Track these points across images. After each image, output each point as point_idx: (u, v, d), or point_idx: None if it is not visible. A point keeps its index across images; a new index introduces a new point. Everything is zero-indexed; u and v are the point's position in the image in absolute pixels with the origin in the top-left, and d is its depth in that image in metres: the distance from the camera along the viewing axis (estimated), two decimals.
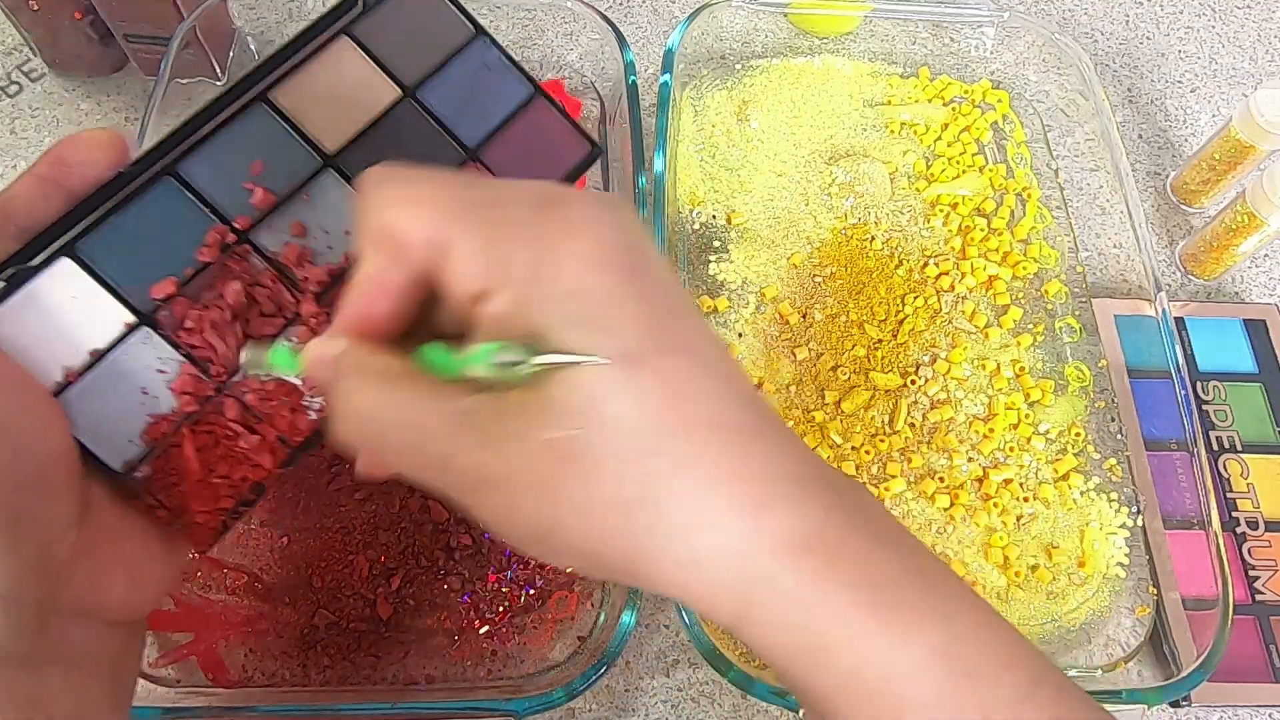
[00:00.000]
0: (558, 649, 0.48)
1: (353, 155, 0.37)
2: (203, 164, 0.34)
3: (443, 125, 0.39)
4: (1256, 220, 0.58)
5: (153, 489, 0.32)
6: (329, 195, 0.36)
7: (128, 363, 0.32)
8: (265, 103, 0.35)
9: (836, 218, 0.61)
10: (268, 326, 0.34)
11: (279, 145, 0.36)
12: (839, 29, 0.68)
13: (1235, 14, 0.77)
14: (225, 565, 0.48)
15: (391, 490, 0.50)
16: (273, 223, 0.35)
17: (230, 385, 0.34)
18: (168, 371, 0.33)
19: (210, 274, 0.34)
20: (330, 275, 0.35)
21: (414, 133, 0.38)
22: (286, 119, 0.36)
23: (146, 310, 0.33)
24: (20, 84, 0.65)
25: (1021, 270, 0.60)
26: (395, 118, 0.38)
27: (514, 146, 0.40)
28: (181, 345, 0.33)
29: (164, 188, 0.33)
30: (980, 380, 0.57)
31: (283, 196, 0.35)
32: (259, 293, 0.35)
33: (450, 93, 0.39)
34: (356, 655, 0.47)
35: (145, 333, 0.33)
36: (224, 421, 0.34)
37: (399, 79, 0.38)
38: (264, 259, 0.35)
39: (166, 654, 0.46)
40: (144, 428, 0.32)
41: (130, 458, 0.32)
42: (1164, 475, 0.54)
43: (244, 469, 0.34)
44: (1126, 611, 0.51)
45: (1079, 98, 0.65)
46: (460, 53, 0.39)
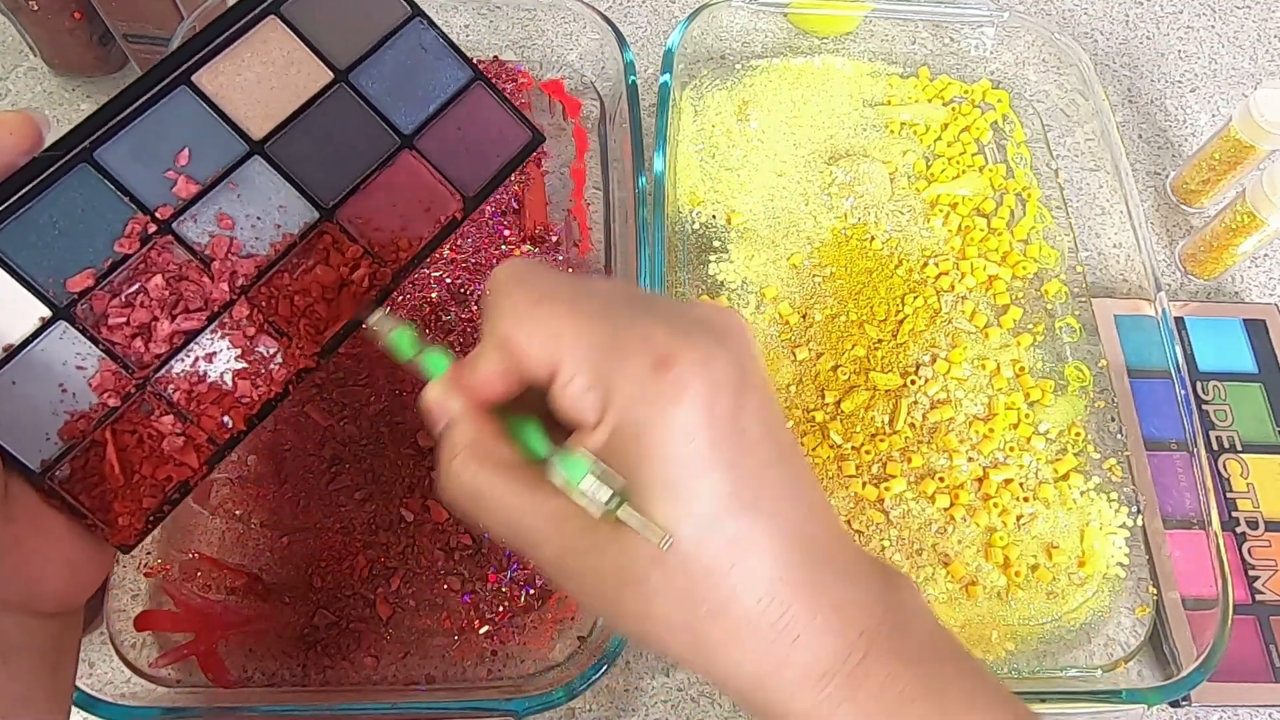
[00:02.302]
0: (558, 649, 0.48)
1: (282, 142, 0.35)
2: (121, 150, 0.33)
3: (377, 110, 0.37)
4: (1256, 220, 0.58)
5: (72, 489, 0.32)
6: (257, 184, 0.35)
7: (44, 358, 0.31)
8: (188, 85, 0.34)
9: (836, 218, 0.61)
10: (191, 321, 0.33)
11: (203, 130, 0.34)
12: (839, 29, 0.68)
13: (1235, 14, 0.77)
14: (225, 565, 0.48)
15: (391, 490, 0.50)
16: (197, 213, 0.34)
17: (154, 381, 0.33)
18: (86, 367, 0.32)
19: (131, 266, 0.33)
20: (258, 269, 0.34)
21: (347, 118, 0.37)
22: (210, 103, 0.34)
23: (63, 304, 0.32)
24: (19, 83, 0.65)
25: (1021, 270, 0.60)
26: (327, 102, 0.36)
27: (452, 135, 0.38)
28: (101, 340, 0.32)
29: (80, 175, 0.32)
30: (980, 380, 0.57)
31: (207, 185, 0.34)
32: (184, 287, 0.33)
33: (385, 76, 0.37)
34: (356, 655, 0.47)
35: (63, 327, 0.32)
36: (148, 421, 0.33)
37: (331, 61, 0.36)
38: (188, 250, 0.33)
39: (166, 654, 0.46)
40: (62, 425, 0.31)
41: (48, 456, 0.31)
42: (1164, 475, 0.54)
43: (168, 469, 0.33)
44: (1126, 611, 0.51)
45: (1079, 98, 0.65)
46: (396, 34, 0.37)
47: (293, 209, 0.36)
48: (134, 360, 0.33)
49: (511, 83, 0.63)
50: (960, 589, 0.51)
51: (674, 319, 0.26)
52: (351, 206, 0.37)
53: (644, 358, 0.25)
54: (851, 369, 0.56)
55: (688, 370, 0.25)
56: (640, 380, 0.25)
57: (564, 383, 0.26)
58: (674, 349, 0.25)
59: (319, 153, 0.36)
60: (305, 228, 0.36)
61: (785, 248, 0.60)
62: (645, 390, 0.25)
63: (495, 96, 0.39)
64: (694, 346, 0.25)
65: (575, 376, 0.26)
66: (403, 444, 0.51)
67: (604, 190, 0.61)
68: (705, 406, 0.25)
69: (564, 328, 0.26)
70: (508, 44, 0.66)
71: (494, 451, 0.28)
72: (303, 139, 0.36)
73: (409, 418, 0.51)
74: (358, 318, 0.36)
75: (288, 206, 0.35)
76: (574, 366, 0.26)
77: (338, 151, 0.36)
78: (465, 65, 0.39)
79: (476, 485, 0.28)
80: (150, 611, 0.47)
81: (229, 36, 0.34)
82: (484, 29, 0.65)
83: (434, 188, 0.39)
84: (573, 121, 0.63)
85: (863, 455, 0.54)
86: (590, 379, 0.26)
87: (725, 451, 0.25)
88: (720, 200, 0.61)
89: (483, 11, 0.65)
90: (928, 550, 0.52)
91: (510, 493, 0.27)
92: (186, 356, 0.34)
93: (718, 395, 0.25)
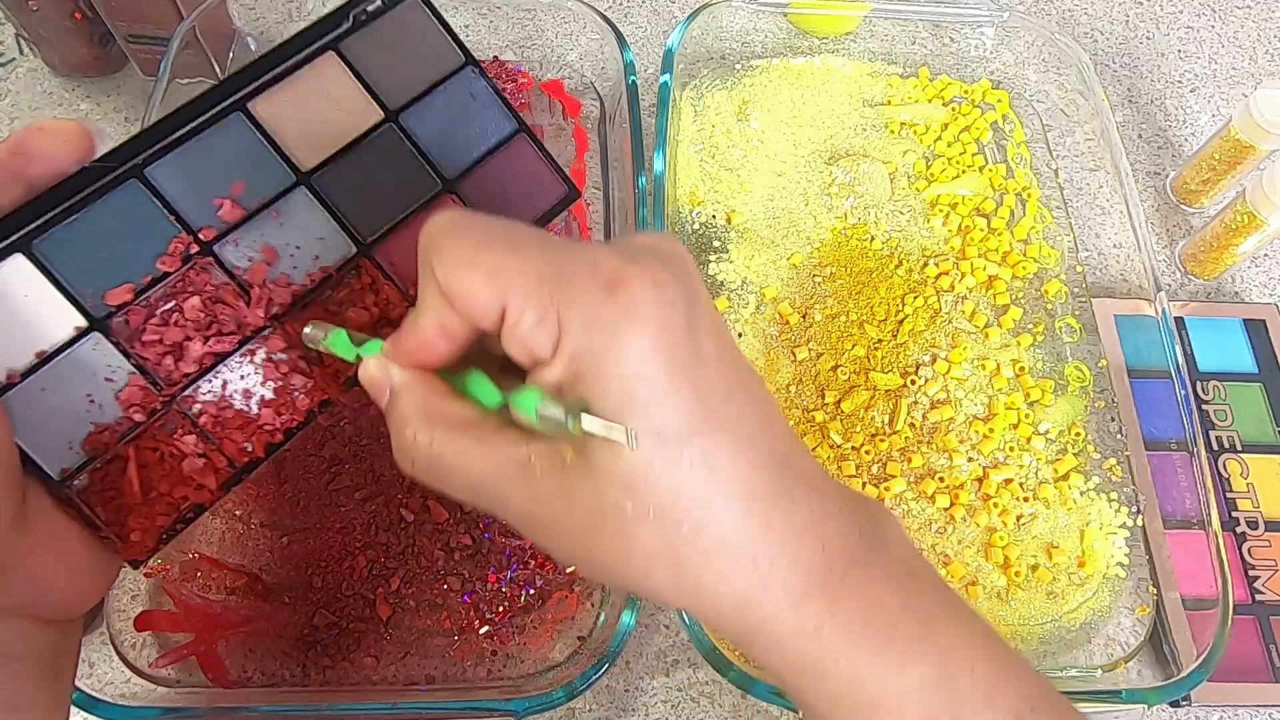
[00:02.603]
0: (558, 649, 0.48)
1: (327, 175, 0.36)
2: (172, 169, 0.33)
3: (422, 153, 0.38)
4: (1256, 220, 0.58)
5: (89, 500, 0.32)
6: (299, 215, 0.35)
7: (75, 368, 0.31)
8: (243, 112, 0.34)
9: (836, 218, 0.61)
10: (223, 344, 0.34)
11: (253, 157, 0.35)
12: (839, 29, 0.68)
13: (1235, 14, 0.77)
14: (225, 565, 0.48)
15: (391, 490, 0.50)
16: (239, 237, 0.34)
17: (180, 400, 0.33)
18: (116, 380, 0.32)
19: (169, 284, 0.33)
20: (294, 298, 0.35)
21: (393, 158, 0.37)
22: (263, 131, 0.35)
23: (99, 315, 0.32)
24: (19, 83, 0.65)
25: (1021, 270, 0.60)
26: (375, 140, 0.37)
27: (492, 182, 0.39)
28: (133, 355, 0.32)
29: (129, 190, 0.32)
30: (980, 380, 0.57)
31: (251, 211, 0.34)
32: (219, 310, 0.34)
33: (433, 120, 0.38)
34: (356, 655, 0.47)
35: (96, 338, 0.32)
36: (170, 440, 0.33)
37: (383, 101, 0.37)
38: (227, 274, 0.34)
39: (166, 654, 0.46)
40: (85, 436, 0.31)
41: (69, 465, 0.31)
42: (1164, 475, 0.54)
43: (185, 489, 0.33)
44: (1126, 611, 0.51)
45: (1079, 98, 0.65)
46: (447, 80, 0.38)
47: (332, 242, 0.36)
48: (163, 378, 0.33)
49: (511, 83, 0.63)
50: (960, 589, 0.51)
51: (616, 247, 0.26)
52: (389, 244, 0.37)
53: (593, 282, 0.24)
54: (851, 369, 0.56)
55: (639, 291, 0.24)
56: (592, 306, 0.24)
57: (514, 321, 0.25)
58: (623, 272, 0.25)
59: (362, 189, 0.37)
60: (341, 261, 0.36)
61: (785, 248, 0.60)
62: (599, 315, 0.24)
63: (537, 149, 0.40)
64: (642, 269, 0.25)
65: (524, 311, 0.25)
66: None
67: (604, 190, 0.61)
68: (661, 325, 0.24)
69: (507, 264, 0.25)
70: (508, 44, 0.66)
71: (446, 411, 0.27)
72: (348, 174, 0.36)
73: None
74: None
75: (327, 239, 0.36)
76: (522, 302, 0.25)
77: (381, 189, 0.37)
78: (511, 117, 0.40)
79: (434, 450, 0.27)
80: (150, 611, 0.47)
81: (287, 68, 0.35)
82: (484, 29, 0.65)
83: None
84: (573, 121, 0.63)
85: (863, 455, 0.54)
86: (540, 311, 0.25)
87: (684, 369, 0.25)
88: (720, 200, 0.61)
89: (483, 11, 0.65)
90: (928, 550, 0.52)
91: (469, 450, 0.27)
92: (215, 379, 0.34)
93: (672, 314, 0.25)
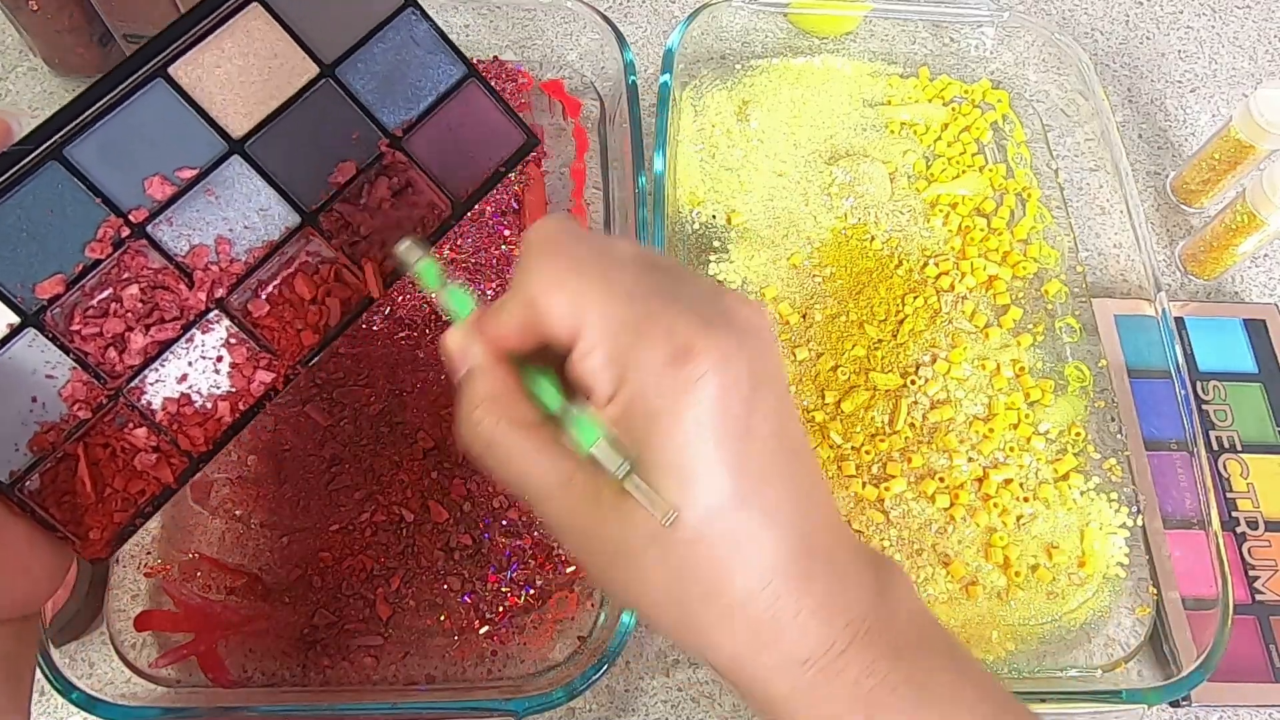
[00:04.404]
0: (558, 649, 0.48)
1: (262, 141, 0.33)
2: (92, 147, 0.31)
3: (365, 108, 0.35)
4: (1256, 220, 0.58)
5: (43, 501, 0.31)
6: (236, 187, 0.33)
7: (13, 366, 0.30)
8: (163, 78, 0.32)
9: (836, 218, 0.61)
10: (166, 332, 0.32)
11: (179, 127, 0.32)
12: (839, 29, 0.68)
13: (1235, 14, 0.77)
14: (225, 565, 0.48)
15: (391, 490, 0.50)
16: (173, 215, 0.32)
17: (127, 392, 0.31)
18: (57, 377, 0.31)
19: (103, 271, 0.31)
20: (236, 278, 0.33)
21: (332, 115, 0.34)
22: (188, 97, 0.32)
23: (31, 310, 0.30)
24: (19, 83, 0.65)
25: (1021, 270, 0.60)
26: (312, 98, 0.34)
27: (443, 135, 0.36)
28: (72, 350, 0.31)
29: (49, 173, 0.30)
30: (980, 380, 0.57)
31: (183, 187, 0.32)
32: (160, 296, 0.32)
33: (374, 71, 0.35)
34: (356, 655, 0.47)
35: (31, 334, 0.30)
36: (121, 434, 0.32)
37: (316, 53, 0.34)
38: (164, 257, 0.32)
39: (166, 654, 0.46)
40: (32, 436, 0.30)
41: (17, 467, 0.30)
42: (1164, 475, 0.54)
43: (141, 482, 0.32)
44: (1126, 611, 0.51)
45: (1079, 98, 0.65)
46: (386, 25, 0.35)
47: (273, 213, 0.34)
48: (106, 371, 0.31)
49: (511, 83, 0.63)
50: (960, 589, 0.51)
51: (700, 307, 0.26)
52: (335, 211, 0.35)
53: (664, 347, 0.25)
54: (851, 369, 0.56)
55: (705, 367, 0.25)
56: (657, 369, 0.25)
57: (582, 353, 0.26)
58: (695, 343, 0.25)
59: (302, 152, 0.34)
60: (286, 232, 0.34)
61: (785, 248, 0.60)
62: (661, 380, 0.25)
63: (490, 95, 0.38)
64: (715, 343, 0.25)
65: (594, 350, 0.26)
66: (403, 444, 0.51)
67: (604, 190, 0.61)
68: (718, 404, 0.25)
69: (591, 300, 0.26)
70: (508, 44, 0.66)
71: (512, 408, 0.29)
72: (285, 138, 0.34)
73: (409, 418, 0.51)
74: (334, 331, 0.35)
75: (268, 210, 0.34)
76: (594, 340, 0.26)
77: (322, 151, 0.35)
78: (459, 61, 0.37)
79: (492, 437, 0.28)
80: (150, 611, 0.47)
81: (209, 25, 0.32)
82: (484, 29, 0.65)
83: (421, 192, 0.38)
84: (573, 121, 0.63)
85: (863, 455, 0.54)
86: (608, 356, 0.26)
87: (731, 449, 0.25)
88: (720, 200, 0.61)
89: (483, 11, 0.65)
90: (928, 550, 0.52)
91: (524, 449, 0.28)
92: (161, 367, 0.32)
93: (731, 394, 0.25)
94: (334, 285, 0.35)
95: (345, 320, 0.35)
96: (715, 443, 0.25)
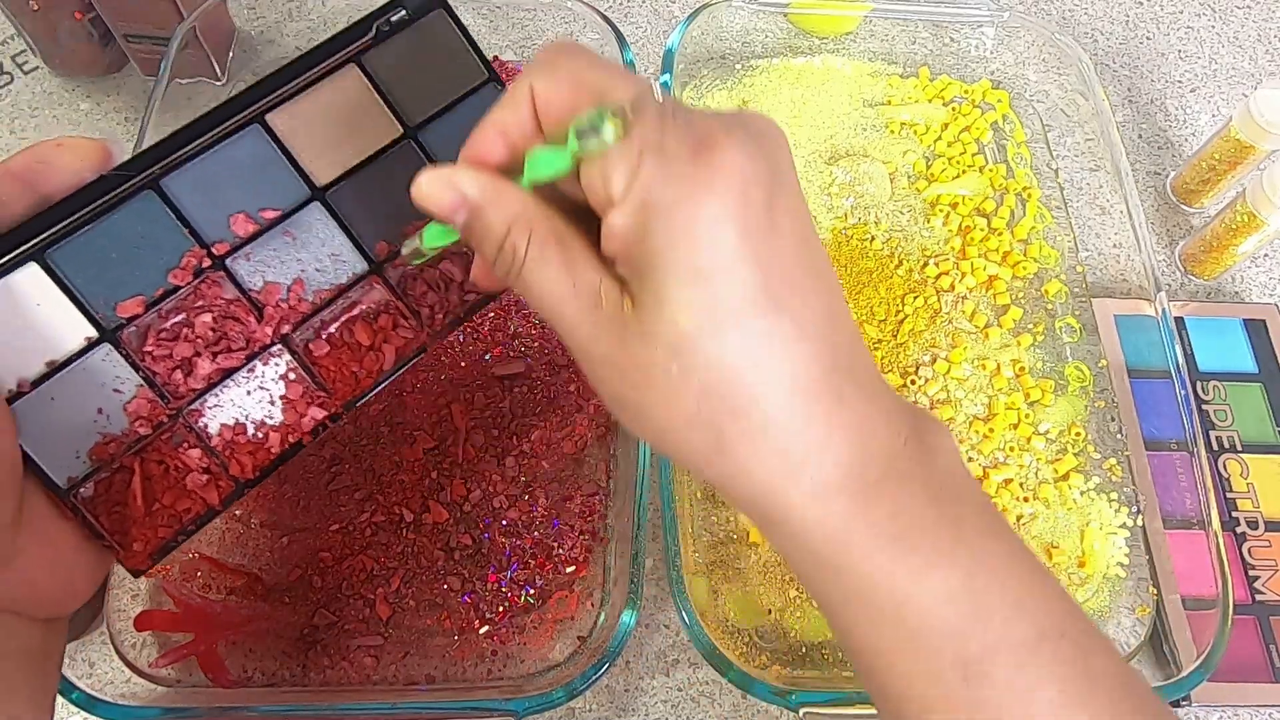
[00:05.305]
0: (558, 649, 0.48)
1: (343, 190, 0.35)
2: (187, 180, 0.33)
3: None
4: (1256, 220, 0.58)
5: (94, 508, 0.32)
6: (313, 230, 0.35)
7: (85, 378, 0.31)
8: (261, 124, 0.34)
9: (836, 218, 0.61)
10: (232, 360, 0.34)
11: (268, 170, 0.34)
12: (839, 29, 0.68)
13: (1235, 14, 0.77)
14: (225, 565, 0.48)
15: (391, 490, 0.50)
16: (251, 252, 0.34)
17: (186, 414, 0.33)
18: (124, 392, 0.32)
19: (180, 298, 0.33)
20: (303, 316, 0.35)
21: (409, 173, 0.35)
22: (280, 144, 0.34)
23: (111, 326, 0.32)
24: (15, 77, 0.65)
25: (1021, 270, 0.60)
26: (392, 155, 0.36)
27: None
28: (142, 368, 0.32)
29: (144, 200, 0.32)
30: (980, 380, 0.57)
31: (265, 225, 0.34)
32: (229, 326, 0.34)
33: (452, 135, 0.36)
34: (356, 655, 0.47)
35: (106, 349, 0.32)
36: (176, 453, 0.33)
37: (402, 115, 0.36)
38: (239, 289, 0.34)
39: (166, 654, 0.46)
40: (92, 445, 0.32)
41: (75, 474, 0.31)
42: (1164, 475, 0.54)
43: (188, 502, 0.34)
44: (1126, 611, 0.51)
45: (1079, 98, 0.65)
46: (469, 97, 0.37)
47: (344, 258, 0.36)
48: (170, 391, 0.33)
49: None
50: None
51: (714, 113, 0.26)
52: (399, 264, 0.37)
53: (685, 135, 0.24)
54: None
55: (726, 157, 0.24)
56: (677, 156, 0.24)
57: (611, 166, 0.25)
58: (715, 136, 0.24)
59: (377, 205, 0.36)
60: (353, 279, 0.36)
61: None
62: (681, 168, 0.24)
63: None
64: (734, 138, 0.24)
65: (620, 160, 0.24)
66: (403, 444, 0.51)
67: None
68: (741, 194, 0.24)
69: (610, 84, 0.25)
70: (508, 44, 0.66)
71: (541, 221, 0.26)
72: (363, 189, 0.36)
73: (409, 418, 0.51)
74: (386, 376, 0.37)
75: (340, 255, 0.36)
76: (622, 149, 0.24)
77: (395, 205, 0.36)
78: None
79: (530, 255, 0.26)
80: (150, 611, 0.47)
81: (308, 80, 0.34)
82: (484, 29, 0.65)
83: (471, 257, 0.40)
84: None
85: None
86: (626, 142, 0.24)
87: (756, 244, 0.24)
88: None
89: (483, 11, 0.65)
90: None
91: (557, 263, 0.26)
92: (221, 393, 0.34)
93: (753, 187, 0.24)
94: (390, 334, 0.37)
95: (398, 367, 0.37)
96: (737, 235, 0.24)
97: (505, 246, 0.26)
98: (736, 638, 0.49)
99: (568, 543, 0.50)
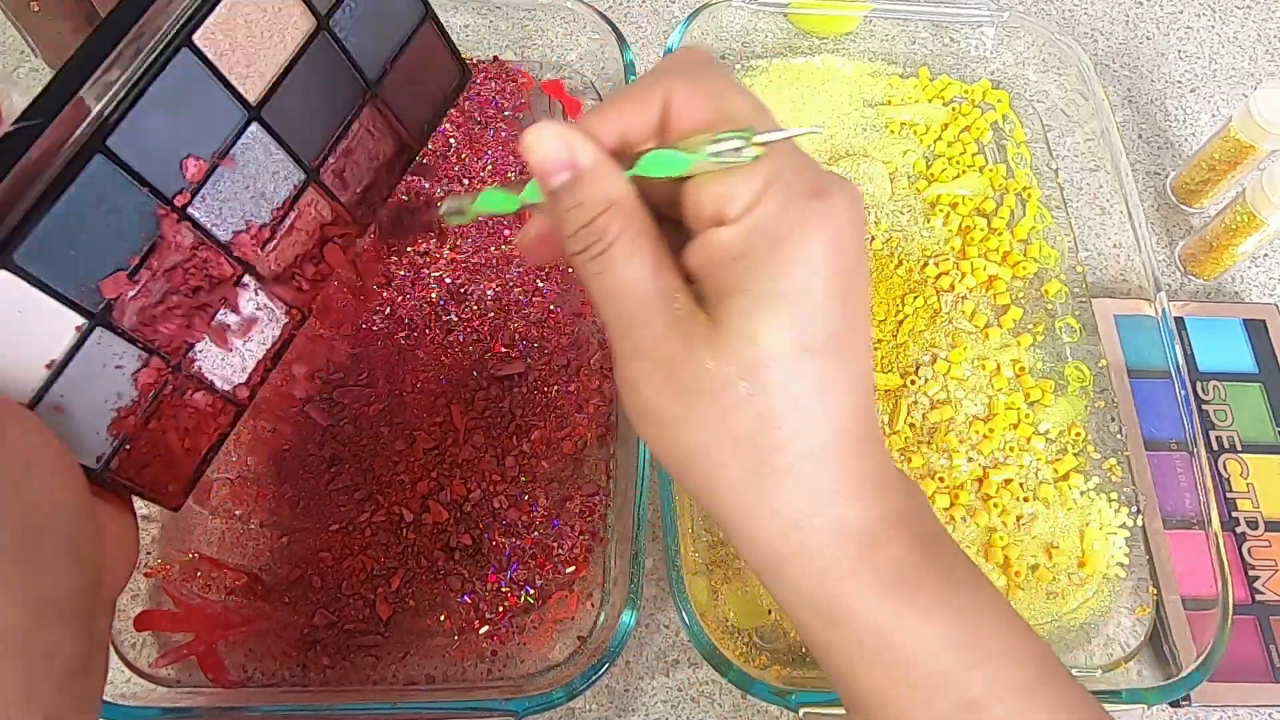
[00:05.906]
0: (558, 649, 0.48)
1: (273, 103, 0.33)
2: (131, 133, 0.30)
3: (351, 59, 0.35)
4: (1256, 220, 0.58)
5: (125, 475, 0.33)
6: (252, 152, 0.33)
7: (88, 366, 0.31)
8: (190, 47, 0.31)
9: None
10: (210, 299, 0.35)
11: (204, 98, 0.31)
12: (839, 29, 0.68)
13: (1235, 14, 0.77)
14: (225, 565, 0.48)
15: (391, 490, 0.50)
16: (206, 192, 0.33)
17: (184, 364, 0.34)
18: (125, 366, 0.32)
19: (157, 258, 0.32)
20: (262, 243, 0.35)
21: (325, 69, 0.35)
22: (211, 65, 0.31)
23: (98, 309, 0.31)
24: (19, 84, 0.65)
25: (1021, 270, 0.60)
26: (310, 53, 0.34)
27: (403, 76, 0.37)
28: (138, 340, 0.32)
29: (96, 166, 0.30)
30: (980, 380, 0.57)
31: (213, 162, 0.32)
32: (204, 268, 0.34)
33: (358, 16, 0.35)
34: (356, 655, 0.47)
35: (99, 333, 0.31)
36: (185, 401, 0.35)
37: (314, 5, 0.34)
38: (203, 233, 0.33)
39: (166, 654, 0.46)
40: (110, 422, 0.32)
41: (102, 452, 0.32)
42: (1164, 475, 0.54)
43: (202, 437, 0.35)
44: (1126, 611, 0.51)
45: (1079, 98, 0.65)
46: None
47: (283, 173, 0.35)
48: (166, 349, 0.33)
49: (511, 83, 0.63)
50: None
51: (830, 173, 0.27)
52: (330, 164, 0.37)
53: (805, 175, 0.25)
54: None
55: (838, 205, 0.25)
56: (797, 192, 0.25)
57: (735, 183, 0.25)
58: (830, 183, 0.26)
59: (302, 109, 0.35)
60: (294, 190, 0.36)
61: None
62: (799, 204, 0.25)
63: (441, 36, 0.39)
64: (845, 192, 0.26)
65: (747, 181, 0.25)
66: (403, 444, 0.51)
67: None
68: (841, 242, 0.25)
69: (746, 108, 0.26)
70: (508, 44, 0.66)
71: (638, 213, 0.26)
72: (289, 97, 0.34)
73: (409, 418, 0.51)
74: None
75: (279, 172, 0.35)
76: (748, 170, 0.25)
77: (317, 106, 0.35)
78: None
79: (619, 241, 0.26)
80: (150, 611, 0.47)
81: None
82: (484, 29, 0.65)
83: (396, 133, 0.40)
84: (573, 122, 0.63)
85: None
86: (759, 185, 0.25)
87: (842, 289, 0.25)
88: None
89: (483, 11, 0.65)
90: None
91: (644, 256, 0.26)
92: (213, 334, 0.35)
93: (849, 240, 0.26)
94: (330, 230, 0.38)
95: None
96: (830, 278, 0.25)
97: (595, 225, 0.26)
98: (736, 638, 0.49)
99: (567, 543, 0.50)
